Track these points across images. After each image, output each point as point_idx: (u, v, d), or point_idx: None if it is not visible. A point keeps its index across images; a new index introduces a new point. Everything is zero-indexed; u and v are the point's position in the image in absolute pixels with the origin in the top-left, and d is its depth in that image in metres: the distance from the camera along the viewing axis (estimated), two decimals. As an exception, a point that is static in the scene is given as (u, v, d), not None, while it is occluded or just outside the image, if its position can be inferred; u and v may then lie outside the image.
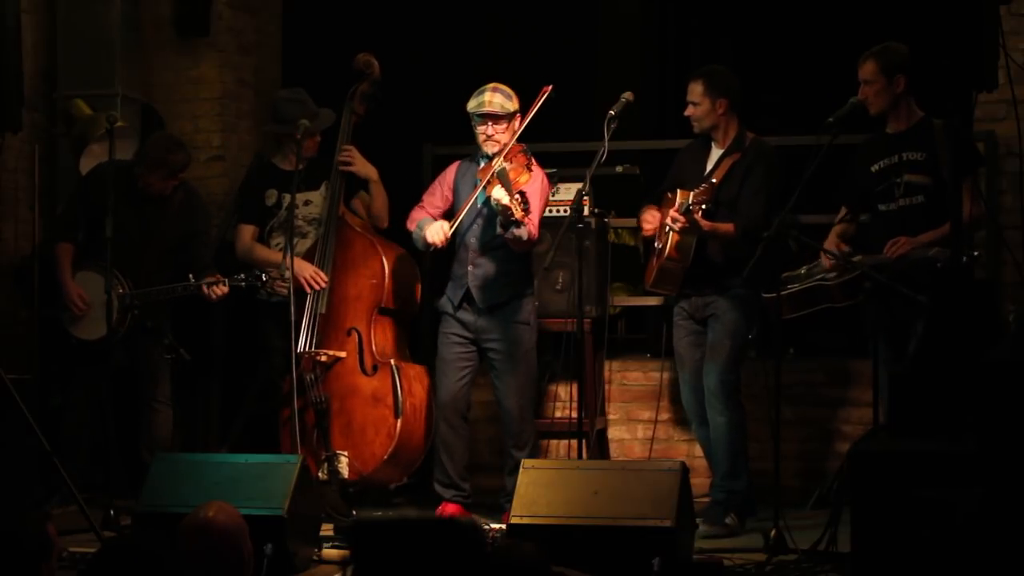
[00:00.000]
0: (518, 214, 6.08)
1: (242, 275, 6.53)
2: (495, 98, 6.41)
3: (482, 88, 6.44)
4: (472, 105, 6.42)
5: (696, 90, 6.26)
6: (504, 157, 6.32)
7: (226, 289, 6.55)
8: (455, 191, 6.55)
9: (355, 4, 7.99)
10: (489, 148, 6.41)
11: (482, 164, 6.46)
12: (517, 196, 6.09)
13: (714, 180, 5.94)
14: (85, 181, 6.84)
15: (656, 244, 6.30)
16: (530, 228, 6.23)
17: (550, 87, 6.33)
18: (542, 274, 6.76)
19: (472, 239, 6.47)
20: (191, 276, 6.58)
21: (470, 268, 6.45)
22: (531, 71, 6.42)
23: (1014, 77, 5.56)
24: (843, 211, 6.22)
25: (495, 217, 6.34)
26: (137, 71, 7.68)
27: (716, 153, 6.30)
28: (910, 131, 5.99)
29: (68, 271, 6.69)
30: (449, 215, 6.54)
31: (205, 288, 6.52)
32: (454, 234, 6.46)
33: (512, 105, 6.41)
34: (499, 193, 6.12)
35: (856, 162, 6.15)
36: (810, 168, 5.67)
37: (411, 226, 6.55)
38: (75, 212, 6.78)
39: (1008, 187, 6.71)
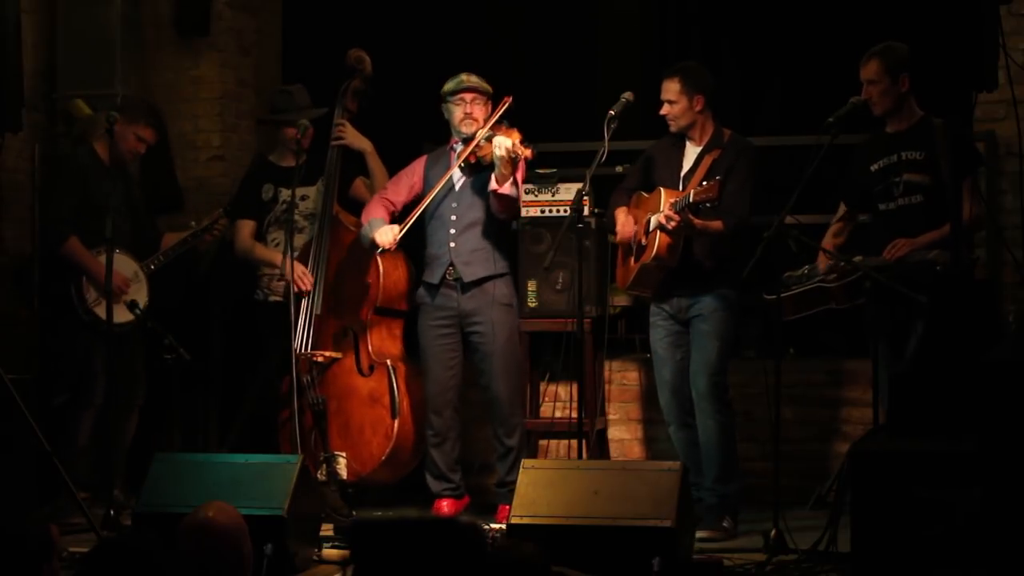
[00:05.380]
0: (526, 152, 6.16)
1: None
2: (472, 77, 6.48)
3: (455, 75, 6.50)
4: (451, 86, 6.47)
5: (672, 88, 6.18)
6: (486, 128, 6.37)
7: (226, 220, 6.70)
8: (425, 179, 6.55)
9: (355, 4, 7.99)
10: (468, 127, 6.44)
11: (459, 148, 6.49)
12: (516, 140, 6.15)
13: (718, 177, 5.90)
14: (67, 174, 6.76)
15: (632, 244, 6.27)
16: (517, 186, 6.33)
17: (510, 98, 6.35)
18: (542, 274, 6.77)
19: (452, 217, 6.47)
20: (193, 223, 6.62)
21: (452, 245, 6.46)
22: (531, 71, 6.42)
23: (1014, 77, 5.56)
24: (842, 209, 6.21)
25: (480, 192, 6.38)
26: (137, 71, 7.67)
27: (693, 151, 6.24)
28: (910, 130, 5.98)
29: (94, 260, 6.52)
30: (412, 207, 6.53)
31: (216, 224, 6.69)
32: (424, 216, 6.46)
33: (488, 87, 6.48)
34: (500, 139, 6.15)
35: (856, 161, 6.14)
36: (810, 168, 5.67)
37: (364, 220, 6.57)
38: (70, 205, 6.68)
39: (1008, 187, 6.70)
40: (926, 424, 4.58)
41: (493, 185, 6.28)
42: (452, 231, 6.46)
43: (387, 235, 6.42)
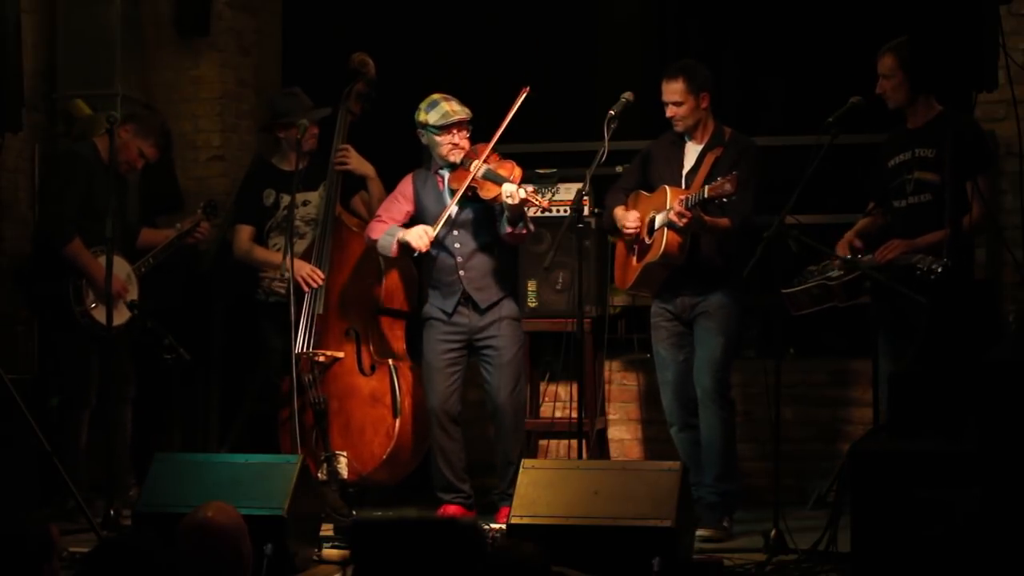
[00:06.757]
0: (542, 201, 6.13)
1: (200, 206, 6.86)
2: (454, 105, 6.40)
3: (432, 101, 6.41)
4: (436, 118, 6.37)
5: (677, 88, 6.13)
6: (481, 160, 6.31)
7: (208, 224, 6.81)
8: (417, 201, 6.50)
9: (355, 4, 7.99)
10: (455, 156, 6.39)
11: (446, 174, 6.45)
12: (525, 186, 6.12)
13: (735, 172, 5.86)
14: (73, 172, 6.72)
15: (634, 243, 6.25)
16: (528, 224, 6.29)
17: (527, 88, 6.31)
18: (542, 274, 6.77)
19: (456, 245, 6.44)
20: (177, 225, 6.71)
21: (461, 273, 6.43)
22: (531, 71, 6.41)
23: (1014, 77, 5.56)
24: (870, 206, 6.17)
25: (478, 220, 6.36)
26: (137, 71, 7.68)
27: (694, 149, 6.22)
28: (926, 126, 5.92)
29: (95, 262, 6.48)
30: (411, 226, 6.47)
31: (198, 227, 6.79)
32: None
33: (469, 110, 6.43)
34: (510, 188, 6.11)
35: (879, 156, 6.10)
36: (810, 168, 5.66)
37: (375, 235, 6.47)
38: (76, 204, 6.65)
39: (1008, 187, 6.70)
40: (926, 424, 4.57)
41: (506, 229, 6.25)
42: (459, 259, 6.43)
43: (422, 238, 6.33)
